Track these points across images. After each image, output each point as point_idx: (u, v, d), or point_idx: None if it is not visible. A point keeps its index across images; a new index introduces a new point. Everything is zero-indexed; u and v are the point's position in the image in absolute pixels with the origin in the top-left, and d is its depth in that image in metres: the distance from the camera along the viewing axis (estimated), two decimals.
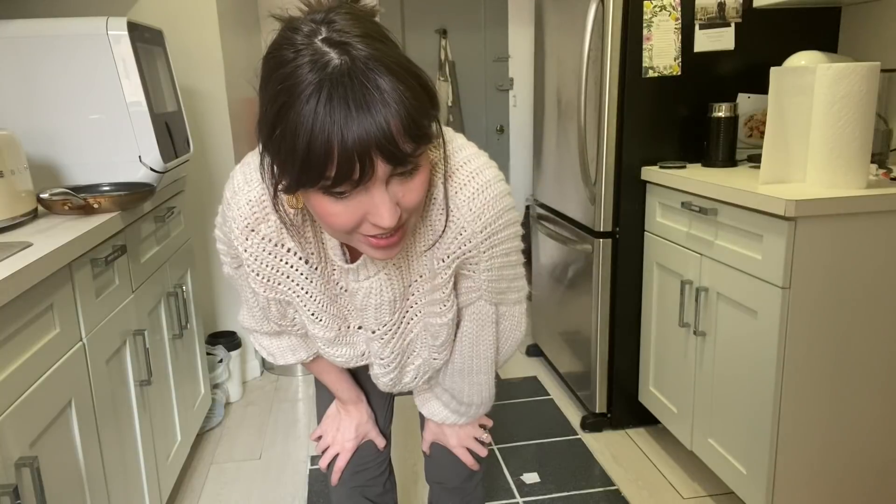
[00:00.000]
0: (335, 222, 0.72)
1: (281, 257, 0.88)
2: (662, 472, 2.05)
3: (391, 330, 0.96)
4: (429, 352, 1.00)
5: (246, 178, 0.86)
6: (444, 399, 1.14)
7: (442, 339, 0.97)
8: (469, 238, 0.86)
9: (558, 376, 2.72)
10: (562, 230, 2.46)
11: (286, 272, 0.90)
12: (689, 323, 1.85)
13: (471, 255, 0.88)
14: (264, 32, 3.29)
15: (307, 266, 0.89)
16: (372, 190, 0.69)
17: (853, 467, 1.62)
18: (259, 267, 0.89)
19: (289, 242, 0.87)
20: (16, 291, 1.05)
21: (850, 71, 1.46)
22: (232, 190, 0.87)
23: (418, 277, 0.92)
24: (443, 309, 0.93)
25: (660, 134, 2.06)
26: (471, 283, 0.93)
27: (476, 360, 1.03)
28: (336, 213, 0.70)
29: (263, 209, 0.85)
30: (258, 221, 0.86)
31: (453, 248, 0.87)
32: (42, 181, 1.69)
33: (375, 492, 1.26)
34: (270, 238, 0.87)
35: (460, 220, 0.85)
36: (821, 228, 1.46)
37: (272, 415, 2.48)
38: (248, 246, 0.87)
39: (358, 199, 0.70)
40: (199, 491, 2.04)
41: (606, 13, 1.97)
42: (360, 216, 0.71)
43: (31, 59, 1.67)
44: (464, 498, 1.28)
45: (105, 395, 1.41)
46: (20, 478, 1.04)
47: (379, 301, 0.91)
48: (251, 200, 0.85)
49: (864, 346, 1.55)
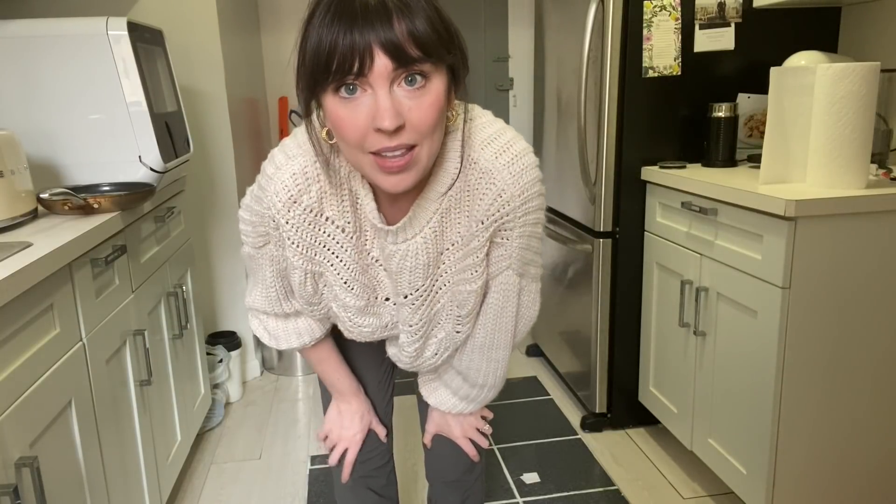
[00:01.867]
0: (346, 130, 0.77)
1: (320, 226, 0.93)
2: (662, 472, 2.05)
3: (422, 296, 0.98)
4: (452, 324, 1.02)
5: (287, 154, 0.91)
6: (455, 385, 1.15)
7: (468, 308, 1.00)
8: (508, 201, 0.91)
9: (558, 376, 2.72)
10: (562, 230, 2.46)
11: (324, 241, 0.94)
12: (689, 323, 1.86)
13: (507, 219, 0.92)
14: (264, 32, 3.29)
15: (343, 234, 0.94)
16: (376, 89, 0.74)
17: (853, 467, 1.62)
18: (300, 238, 0.93)
19: (328, 211, 0.92)
20: (16, 291, 1.05)
21: (850, 71, 1.46)
22: (275, 166, 0.91)
23: (450, 245, 0.95)
24: (474, 275, 0.97)
25: (660, 134, 2.06)
26: (503, 251, 0.97)
27: (498, 333, 1.06)
28: (345, 117, 0.76)
29: (306, 180, 0.90)
30: (301, 192, 0.90)
31: (493, 211, 0.91)
32: (42, 181, 1.69)
33: (379, 483, 1.27)
34: (311, 208, 0.91)
35: (500, 183, 0.90)
36: (821, 228, 1.46)
37: (272, 415, 2.48)
38: (291, 217, 0.91)
39: (363, 102, 0.75)
40: (199, 491, 2.04)
41: (606, 13, 1.97)
42: (365, 121, 0.75)
43: (31, 59, 1.67)
44: (464, 492, 1.29)
45: (105, 395, 1.41)
46: (20, 478, 1.04)
47: (414, 264, 0.94)
48: (295, 173, 0.90)
49: (864, 346, 1.55)
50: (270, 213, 0.92)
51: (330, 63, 0.73)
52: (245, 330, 2.73)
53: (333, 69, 0.73)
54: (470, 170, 0.90)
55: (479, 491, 1.32)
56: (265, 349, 2.85)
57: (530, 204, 0.93)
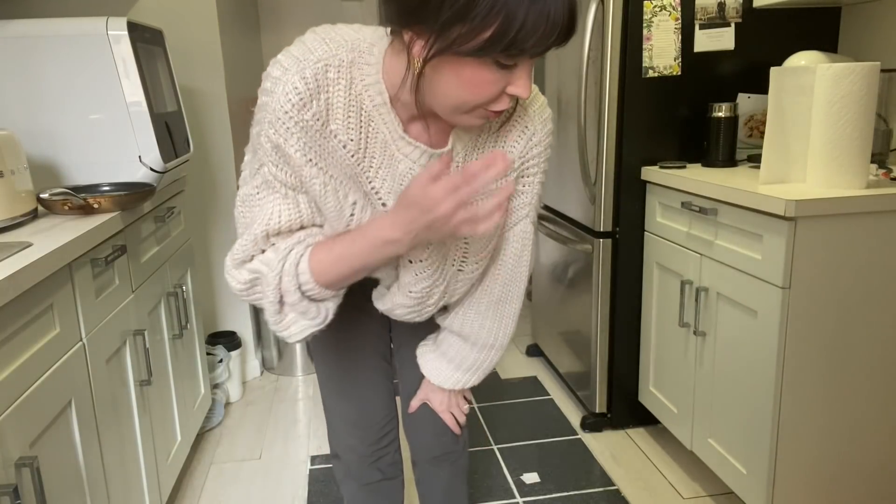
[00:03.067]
0: (482, 91, 0.80)
1: (325, 137, 0.90)
2: (662, 472, 2.05)
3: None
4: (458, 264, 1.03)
5: (297, 58, 0.87)
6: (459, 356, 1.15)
7: (480, 244, 1.02)
8: (537, 143, 0.99)
9: (558, 376, 2.72)
10: (562, 230, 2.46)
11: (329, 150, 0.91)
12: (689, 323, 1.86)
13: (532, 162, 1.00)
14: (264, 32, 3.29)
15: (345, 150, 0.91)
16: (527, 65, 0.80)
17: (853, 467, 1.62)
18: (310, 142, 0.88)
19: (333, 124, 0.89)
20: (16, 291, 1.05)
21: (850, 71, 1.46)
22: (282, 68, 0.87)
23: None
24: None
25: (660, 134, 2.06)
26: (524, 198, 1.03)
27: (512, 285, 1.09)
28: (492, 80, 0.79)
29: (317, 85, 0.87)
30: (311, 98, 0.87)
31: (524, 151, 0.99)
32: (42, 181, 1.69)
33: (387, 461, 1.30)
34: (319, 117, 0.88)
35: (532, 127, 0.98)
36: (821, 228, 1.46)
37: (272, 415, 2.48)
38: (300, 119, 0.87)
39: (511, 72, 0.80)
40: (199, 491, 2.04)
41: (606, 13, 1.97)
42: (503, 87, 0.81)
43: (31, 59, 1.67)
44: (451, 465, 1.32)
45: (105, 395, 1.41)
46: (20, 478, 1.04)
47: None
48: (306, 77, 0.86)
49: (864, 345, 1.55)
50: (272, 118, 0.86)
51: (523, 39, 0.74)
52: (245, 330, 2.73)
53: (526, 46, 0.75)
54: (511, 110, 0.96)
55: (464, 465, 1.34)
56: (265, 349, 2.85)
57: (549, 149, 1.02)
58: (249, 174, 0.94)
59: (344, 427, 1.27)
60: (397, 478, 1.33)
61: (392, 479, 1.32)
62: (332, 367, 1.24)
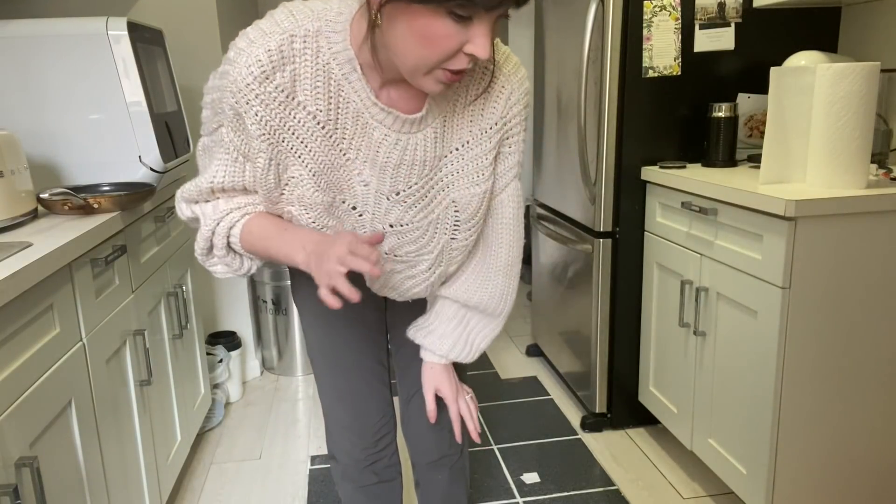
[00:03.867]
0: (436, 47, 0.78)
1: (291, 110, 0.90)
2: (662, 472, 2.05)
3: (417, 193, 0.98)
4: (451, 233, 1.03)
5: (263, 31, 0.88)
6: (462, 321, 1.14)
7: (469, 212, 1.01)
8: (516, 102, 0.99)
9: (558, 376, 2.72)
10: (562, 230, 2.46)
11: (293, 127, 0.90)
12: (689, 323, 1.86)
13: (514, 122, 1.00)
14: None
15: (314, 121, 0.91)
16: (485, 22, 0.78)
17: (853, 467, 1.62)
18: (268, 115, 0.89)
19: (300, 95, 0.89)
20: (16, 291, 1.05)
21: (850, 71, 1.46)
22: (248, 40, 0.88)
23: (460, 146, 0.98)
24: (482, 177, 1.00)
25: (660, 134, 2.06)
26: (511, 160, 1.03)
27: (516, 246, 1.10)
28: (447, 35, 0.77)
29: (282, 58, 0.87)
30: (275, 69, 0.87)
31: (504, 113, 0.99)
32: (42, 181, 1.69)
33: (382, 465, 1.29)
34: (283, 88, 0.88)
35: (509, 87, 0.98)
36: (821, 228, 1.47)
37: (272, 415, 2.48)
38: (261, 92, 0.87)
39: (468, 28, 0.78)
40: (199, 491, 2.04)
41: (606, 13, 1.97)
42: (460, 44, 0.79)
43: (31, 59, 1.67)
44: (450, 469, 1.31)
45: (105, 395, 1.41)
46: (20, 478, 1.04)
47: (413, 158, 0.95)
48: (270, 49, 0.86)
49: (865, 345, 1.55)
50: (235, 88, 0.87)
51: None
52: (245, 330, 2.73)
53: None
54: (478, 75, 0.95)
55: (464, 467, 1.33)
56: (265, 349, 2.85)
57: (527, 109, 1.02)
58: (208, 128, 0.97)
59: (339, 430, 1.26)
60: (394, 480, 1.33)
61: (388, 482, 1.31)
62: (327, 370, 1.24)
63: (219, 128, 0.94)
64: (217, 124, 0.94)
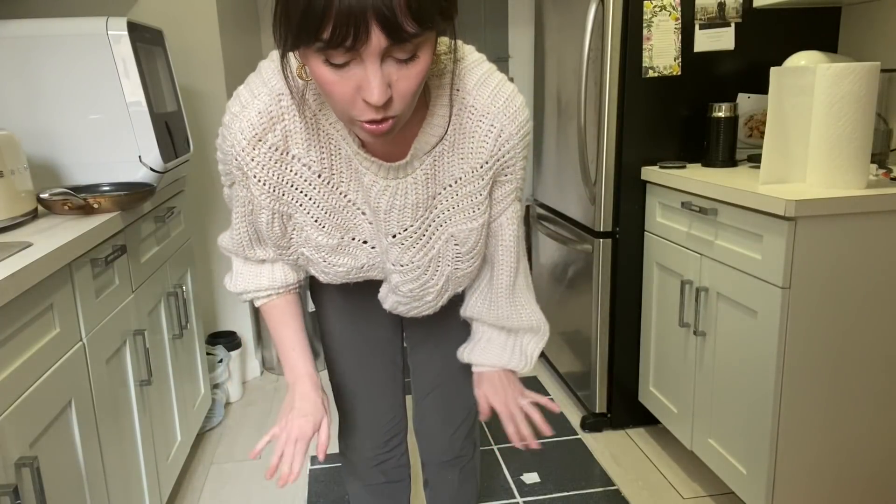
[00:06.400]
0: (332, 95, 0.74)
1: (286, 165, 0.92)
2: (662, 472, 2.05)
3: (413, 235, 0.98)
4: (453, 263, 1.01)
5: (253, 93, 0.90)
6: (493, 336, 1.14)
7: (469, 245, 1.00)
8: (507, 140, 0.93)
9: (558, 376, 2.72)
10: (562, 230, 2.46)
11: (291, 180, 0.93)
12: (689, 323, 1.86)
13: (510, 156, 0.94)
14: (264, 32, 3.29)
15: (310, 172, 0.93)
16: (367, 63, 0.70)
17: (853, 467, 1.62)
18: (266, 176, 0.92)
19: (294, 149, 0.91)
20: (16, 291, 1.05)
21: (850, 71, 1.46)
22: (240, 104, 0.90)
23: (446, 188, 0.95)
24: (476, 213, 0.97)
25: (660, 134, 2.06)
26: (509, 186, 0.99)
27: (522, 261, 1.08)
28: (333, 81, 0.72)
29: (270, 119, 0.89)
30: (265, 131, 0.89)
31: (494, 151, 0.93)
32: (42, 181, 1.69)
33: (391, 465, 1.29)
34: (277, 147, 0.90)
35: (499, 125, 0.91)
36: (821, 228, 1.47)
37: (272, 415, 2.48)
38: (256, 155, 0.90)
39: (353, 71, 0.71)
40: (199, 491, 2.04)
41: (606, 13, 1.97)
42: (353, 88, 0.72)
43: (31, 59, 1.67)
44: (461, 470, 1.30)
45: (105, 395, 1.41)
46: (20, 478, 1.04)
47: (403, 203, 0.94)
48: (260, 111, 0.88)
49: (864, 346, 1.55)
50: (234, 152, 0.91)
51: (320, 30, 0.66)
52: (245, 330, 2.73)
53: (325, 38, 0.66)
54: (466, 114, 0.90)
55: (475, 468, 1.33)
56: (265, 349, 2.85)
57: (526, 138, 0.97)
58: (226, 181, 1.00)
59: (350, 428, 1.27)
60: (402, 481, 1.33)
61: (396, 483, 1.31)
62: (340, 368, 1.24)
63: (232, 185, 0.98)
64: (230, 181, 0.98)
